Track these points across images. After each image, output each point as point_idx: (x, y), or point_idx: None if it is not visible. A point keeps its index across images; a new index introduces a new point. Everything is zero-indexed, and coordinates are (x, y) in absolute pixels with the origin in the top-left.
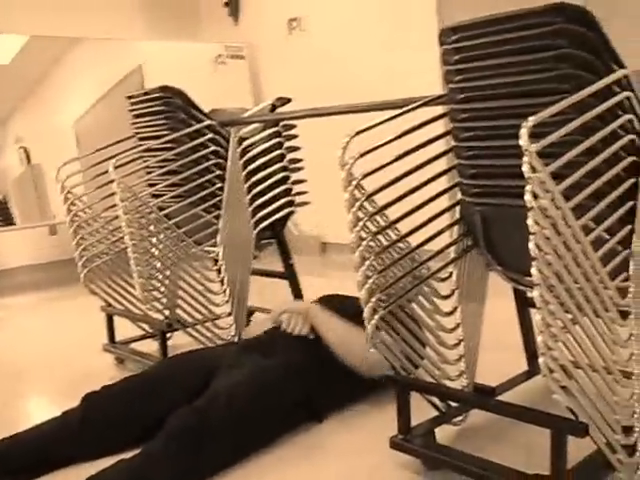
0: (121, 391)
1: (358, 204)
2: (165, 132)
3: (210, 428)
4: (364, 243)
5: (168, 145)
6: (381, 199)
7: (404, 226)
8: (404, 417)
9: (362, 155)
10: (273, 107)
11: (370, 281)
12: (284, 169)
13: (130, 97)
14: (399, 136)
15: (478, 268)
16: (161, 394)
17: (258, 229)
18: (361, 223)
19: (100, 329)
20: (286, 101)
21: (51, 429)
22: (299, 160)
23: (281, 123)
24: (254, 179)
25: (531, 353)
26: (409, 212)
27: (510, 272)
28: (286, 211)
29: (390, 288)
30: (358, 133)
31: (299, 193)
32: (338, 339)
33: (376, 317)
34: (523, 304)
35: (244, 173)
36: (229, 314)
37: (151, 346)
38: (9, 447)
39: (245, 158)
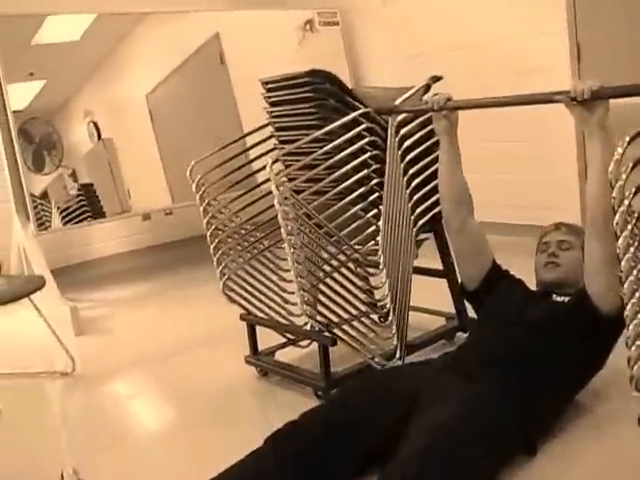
0: (315, 427)
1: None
2: (313, 122)
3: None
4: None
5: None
6: None
7: None
8: None
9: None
10: (427, 87)
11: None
12: None
13: (266, 83)
14: None
15: None
16: (361, 426)
17: (418, 225)
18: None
19: (223, 322)
20: (437, 79)
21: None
22: None
23: None
24: (412, 171)
25: None
26: None
27: None
28: None
29: None
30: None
31: None
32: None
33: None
34: None
35: (402, 165)
36: (390, 322)
37: (293, 354)
38: None
39: (402, 148)
